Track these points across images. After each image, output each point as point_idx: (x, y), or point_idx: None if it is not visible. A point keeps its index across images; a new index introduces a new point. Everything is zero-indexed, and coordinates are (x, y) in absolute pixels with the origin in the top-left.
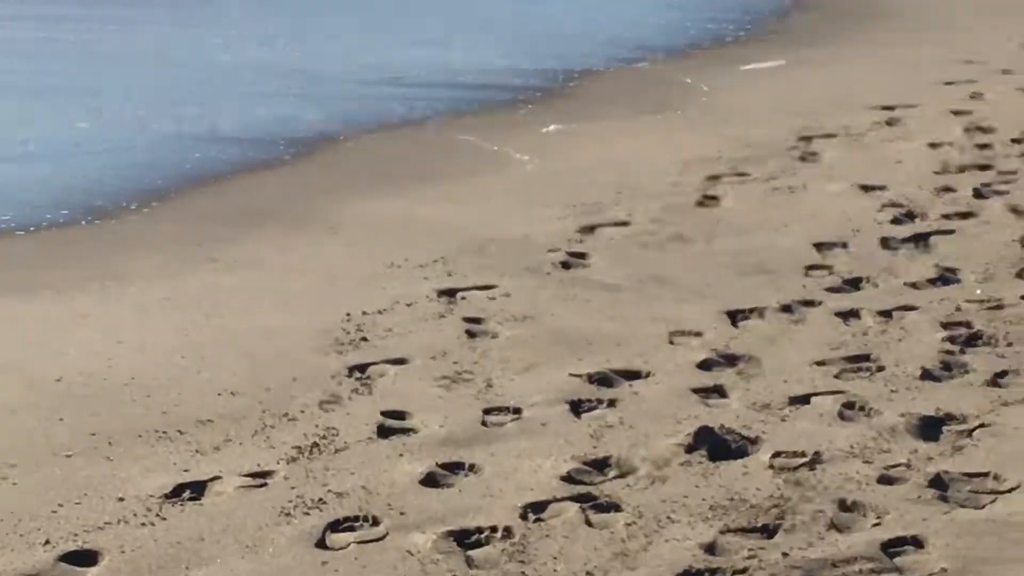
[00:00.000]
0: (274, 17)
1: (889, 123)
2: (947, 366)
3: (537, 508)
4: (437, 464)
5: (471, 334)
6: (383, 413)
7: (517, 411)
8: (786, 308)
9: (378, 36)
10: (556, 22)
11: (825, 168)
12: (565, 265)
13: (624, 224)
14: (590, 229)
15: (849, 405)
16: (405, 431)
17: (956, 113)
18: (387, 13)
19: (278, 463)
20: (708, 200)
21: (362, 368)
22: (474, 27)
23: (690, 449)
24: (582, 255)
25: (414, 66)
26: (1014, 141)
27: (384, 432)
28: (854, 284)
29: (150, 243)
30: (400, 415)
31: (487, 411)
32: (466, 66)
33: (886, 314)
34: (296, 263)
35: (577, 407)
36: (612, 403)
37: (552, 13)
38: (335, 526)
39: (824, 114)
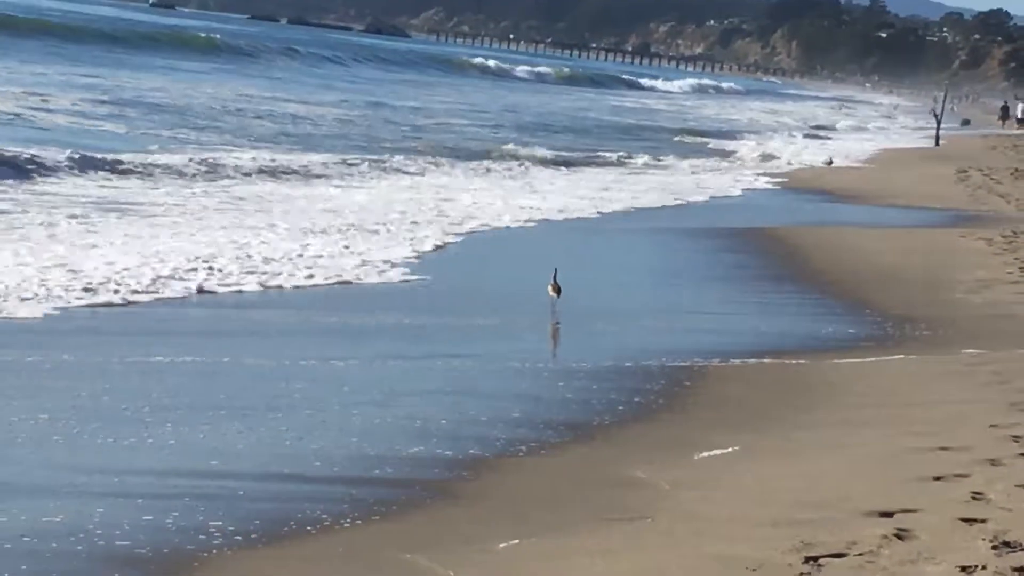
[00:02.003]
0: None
1: (899, 537)
2: None
3: None
4: None
5: None
6: None
7: None
8: None
9: (259, 417)
10: (455, 399)
11: None
12: None
13: None
14: None
15: None
16: None
17: (967, 521)
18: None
19: None
20: None
21: None
22: (369, 406)
23: None
24: None
25: (318, 455)
26: None
27: None
28: None
29: None
30: None
31: None
32: (380, 454)
33: None
34: None
35: None
36: None
37: (447, 389)
38: None
39: (815, 524)
